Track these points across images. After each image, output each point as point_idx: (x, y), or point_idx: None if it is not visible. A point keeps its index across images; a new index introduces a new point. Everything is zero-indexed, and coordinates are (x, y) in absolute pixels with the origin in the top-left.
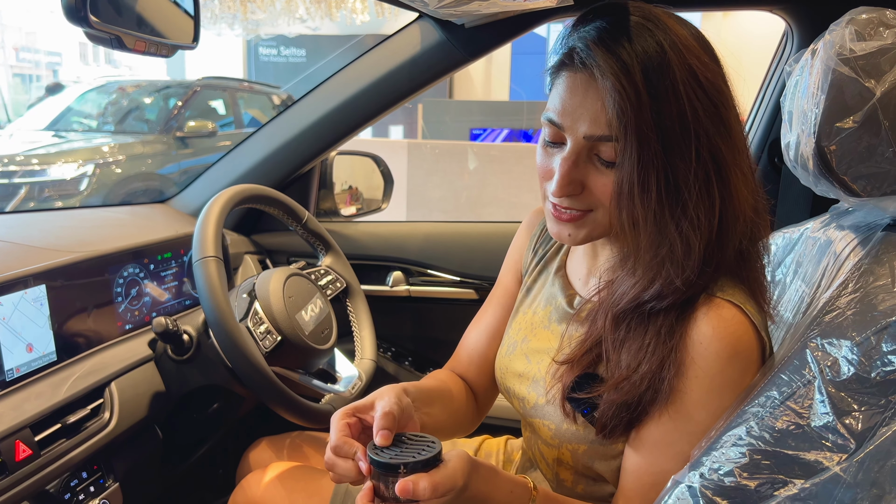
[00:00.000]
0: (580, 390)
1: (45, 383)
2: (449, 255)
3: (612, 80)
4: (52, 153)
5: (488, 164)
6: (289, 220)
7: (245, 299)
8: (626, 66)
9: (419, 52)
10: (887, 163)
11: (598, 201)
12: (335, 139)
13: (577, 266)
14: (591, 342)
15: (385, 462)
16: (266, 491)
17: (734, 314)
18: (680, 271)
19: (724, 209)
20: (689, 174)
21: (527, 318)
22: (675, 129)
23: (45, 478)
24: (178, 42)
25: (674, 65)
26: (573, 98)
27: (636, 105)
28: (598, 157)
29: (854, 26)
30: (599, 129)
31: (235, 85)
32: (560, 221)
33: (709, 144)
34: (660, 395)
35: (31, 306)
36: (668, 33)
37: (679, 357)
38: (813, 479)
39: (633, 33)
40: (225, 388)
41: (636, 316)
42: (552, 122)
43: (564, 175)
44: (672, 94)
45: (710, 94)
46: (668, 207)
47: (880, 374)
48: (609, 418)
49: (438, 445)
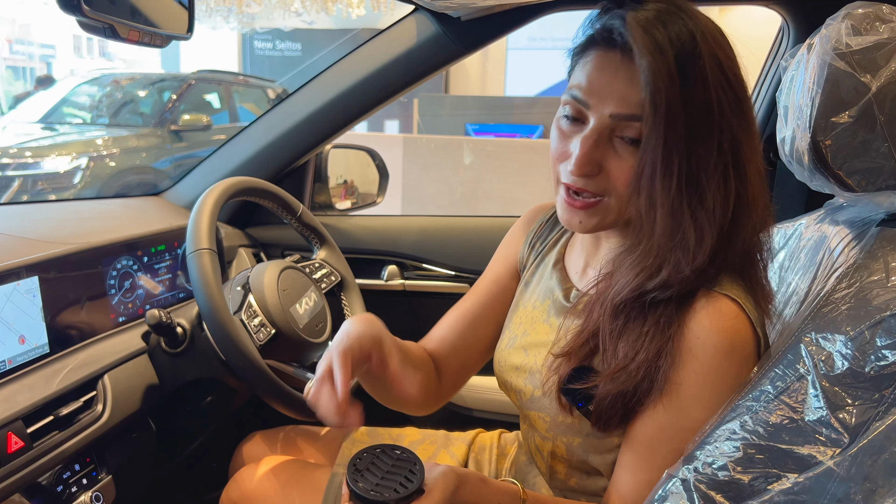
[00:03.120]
0: (576, 382)
1: (38, 375)
2: (444, 249)
3: (648, 59)
4: (45, 146)
5: (484, 159)
6: (283, 213)
7: (239, 292)
8: (661, 48)
9: (415, 44)
10: (882, 157)
11: (612, 186)
12: (330, 132)
13: (576, 259)
14: (587, 333)
15: (367, 498)
16: (259, 484)
17: (732, 309)
18: (690, 259)
19: (738, 202)
20: (710, 164)
21: (526, 312)
22: (701, 118)
23: (37, 470)
24: (172, 32)
25: (704, 53)
26: (602, 76)
27: (668, 86)
28: (621, 138)
29: (850, 21)
30: (627, 108)
31: (230, 78)
32: (572, 208)
33: (731, 137)
34: (655, 386)
35: (24, 298)
36: (698, 23)
37: (676, 348)
38: (806, 473)
39: (667, 18)
40: (219, 380)
41: (636, 306)
42: (577, 99)
43: (585, 153)
44: (701, 83)
45: (735, 88)
46: (687, 195)
47: (874, 368)
48: (604, 409)
49: (420, 474)
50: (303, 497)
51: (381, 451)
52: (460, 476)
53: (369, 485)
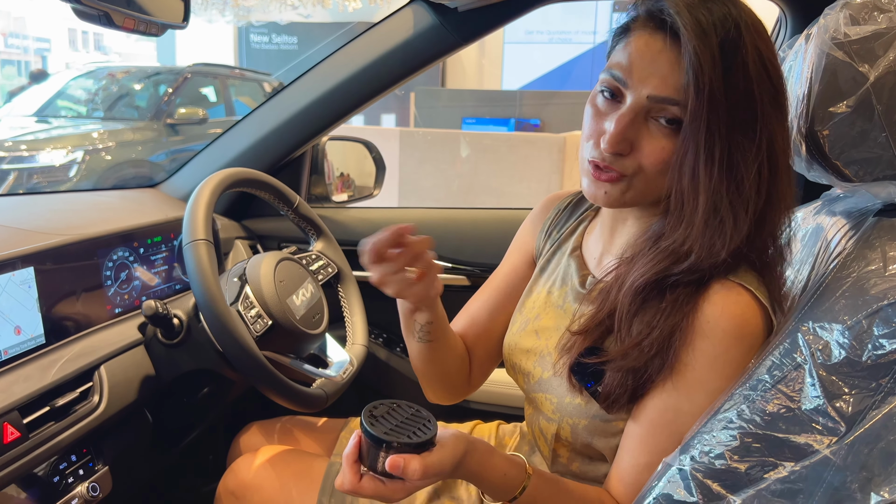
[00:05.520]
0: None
1: (34, 366)
2: (441, 241)
3: (694, 42)
4: (41, 139)
5: (481, 152)
6: (280, 204)
7: (236, 283)
8: (707, 32)
9: (412, 35)
10: (880, 147)
11: (640, 166)
12: (326, 124)
13: (593, 247)
14: (605, 312)
15: (377, 437)
16: (256, 475)
17: (744, 297)
18: (725, 243)
19: (770, 194)
20: (749, 153)
21: (541, 297)
22: (742, 106)
23: (33, 461)
24: (168, 21)
25: (747, 42)
26: (644, 56)
27: (712, 72)
28: (656, 119)
29: (848, 10)
30: (667, 90)
31: (226, 72)
32: (598, 181)
33: (768, 128)
34: (665, 365)
35: (19, 289)
36: (741, 11)
37: (689, 326)
38: (803, 462)
39: (712, 5)
40: (215, 372)
41: (656, 288)
42: (616, 77)
43: (620, 131)
44: (742, 72)
45: (774, 80)
46: (727, 181)
47: (871, 357)
48: (613, 388)
49: (434, 429)
50: (300, 487)
51: (398, 405)
52: (470, 442)
53: (383, 429)
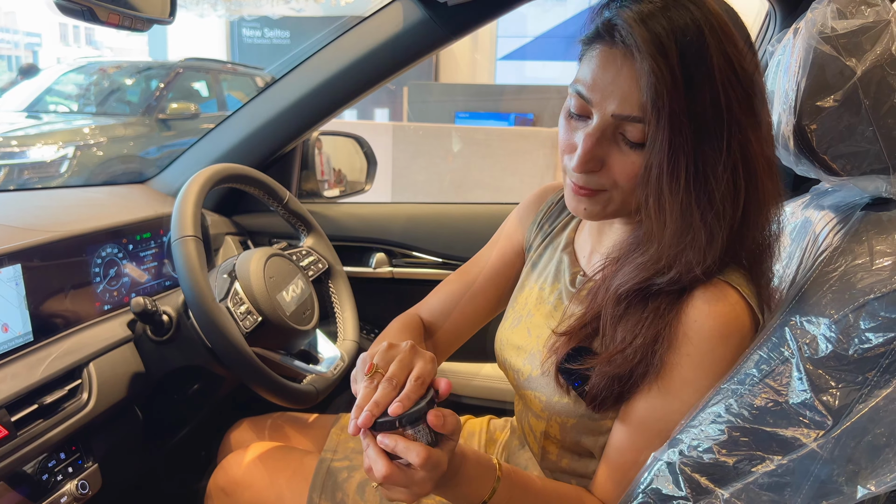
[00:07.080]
0: (574, 362)
1: (22, 363)
2: (432, 236)
3: (650, 62)
4: (31, 135)
5: (473, 147)
6: (269, 200)
7: (225, 279)
8: (665, 49)
9: (401, 30)
10: (867, 142)
11: (614, 181)
12: (317, 118)
13: (583, 244)
14: (590, 315)
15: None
16: (247, 471)
17: (731, 295)
18: (701, 259)
19: (748, 201)
20: (719, 164)
21: (533, 293)
22: (708, 117)
23: (21, 458)
24: (154, 16)
25: (712, 50)
26: (605, 74)
27: (672, 89)
28: (624, 136)
29: (836, 4)
30: (629, 108)
31: (218, 67)
32: (578, 196)
33: (740, 135)
34: (651, 370)
35: (6, 286)
36: (707, 13)
37: (673, 332)
38: (790, 456)
39: (673, 12)
40: (205, 368)
41: (639, 295)
42: (580, 95)
43: (587, 151)
44: (707, 82)
45: (745, 84)
46: (696, 196)
47: (858, 351)
48: (600, 390)
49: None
50: (290, 483)
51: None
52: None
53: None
